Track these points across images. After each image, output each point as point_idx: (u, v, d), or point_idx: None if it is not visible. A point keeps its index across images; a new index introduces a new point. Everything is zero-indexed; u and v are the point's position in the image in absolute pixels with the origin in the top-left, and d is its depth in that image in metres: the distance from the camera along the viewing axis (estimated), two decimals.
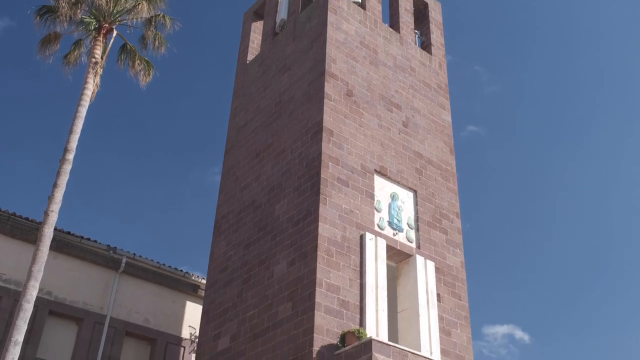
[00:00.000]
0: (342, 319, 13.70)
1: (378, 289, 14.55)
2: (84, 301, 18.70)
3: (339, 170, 15.73)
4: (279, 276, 14.96)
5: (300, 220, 15.21)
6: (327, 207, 14.96)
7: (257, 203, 17.26)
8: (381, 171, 16.66)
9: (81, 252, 19.08)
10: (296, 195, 15.81)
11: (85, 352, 18.03)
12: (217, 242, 18.12)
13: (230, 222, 18.01)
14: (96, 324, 18.53)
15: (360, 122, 17.04)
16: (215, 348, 15.88)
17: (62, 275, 18.64)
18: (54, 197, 13.73)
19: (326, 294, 13.76)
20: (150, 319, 19.64)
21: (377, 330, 13.93)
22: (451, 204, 17.84)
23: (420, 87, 19.55)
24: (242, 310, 15.63)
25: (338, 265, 14.36)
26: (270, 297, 14.88)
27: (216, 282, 17.22)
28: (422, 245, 16.29)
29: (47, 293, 18.03)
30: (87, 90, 15.91)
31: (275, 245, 15.64)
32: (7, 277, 17.69)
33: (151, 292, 19.99)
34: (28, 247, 17.55)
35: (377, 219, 15.86)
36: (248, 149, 19.08)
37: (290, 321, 13.86)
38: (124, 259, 19.47)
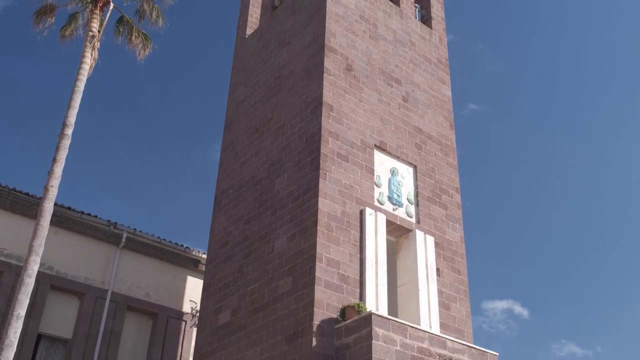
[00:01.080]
0: (342, 294, 13.79)
1: (378, 264, 14.63)
2: (85, 276, 18.81)
3: (339, 146, 15.70)
4: (279, 251, 15.02)
5: (300, 195, 15.23)
6: (327, 182, 14.96)
7: (257, 178, 17.27)
8: (381, 146, 16.64)
9: (82, 227, 19.14)
10: (296, 171, 15.81)
11: (87, 326, 18.18)
12: (218, 217, 18.16)
13: (230, 197, 18.04)
14: (98, 299, 18.66)
15: (360, 97, 16.97)
16: (216, 322, 16.01)
17: (63, 250, 18.72)
18: (53, 172, 13.71)
19: (326, 268, 13.83)
20: (152, 293, 19.77)
21: (377, 305, 14.03)
22: (451, 179, 17.85)
23: (420, 61, 19.43)
24: (242, 285, 15.73)
25: (338, 240, 14.42)
26: (271, 272, 14.96)
27: (217, 257, 17.30)
28: (422, 220, 16.33)
29: (48, 268, 18.12)
30: (85, 64, 15.80)
31: (276, 220, 15.68)
32: (8, 252, 17.76)
33: (152, 267, 20.09)
34: (28, 222, 17.59)
35: (377, 194, 15.88)
36: (247, 124, 19.03)
37: (291, 295, 13.95)
38: (124, 234, 19.53)
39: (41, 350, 17.85)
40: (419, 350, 12.67)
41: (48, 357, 17.94)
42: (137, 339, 19.24)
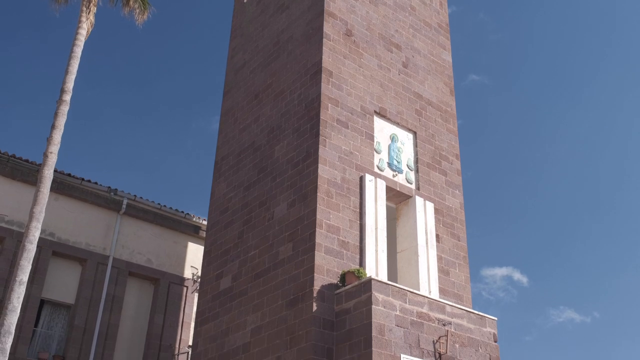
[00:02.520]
0: (342, 259, 13.89)
1: (377, 230, 14.70)
2: (86, 242, 18.92)
3: (339, 112, 15.64)
4: (279, 217, 15.08)
5: (300, 162, 15.23)
6: (327, 148, 14.95)
7: (256, 145, 17.24)
8: (381, 112, 16.57)
9: (82, 194, 19.18)
10: (295, 137, 15.78)
11: (90, 292, 18.36)
12: (217, 183, 18.19)
13: (230, 164, 18.04)
14: (99, 265, 18.81)
15: (359, 62, 16.84)
16: (217, 288, 16.16)
17: (64, 216, 18.79)
18: (52, 139, 13.68)
19: (326, 234, 13.90)
20: (153, 259, 19.91)
21: (377, 270, 14.15)
22: (451, 146, 17.82)
23: (420, 26, 19.23)
24: (243, 251, 15.83)
25: (338, 206, 14.46)
26: (271, 238, 15.05)
27: (217, 223, 17.37)
28: (422, 187, 16.36)
29: (49, 234, 18.21)
30: (81, 29, 15.62)
31: (275, 186, 15.70)
32: (9, 218, 17.83)
33: (153, 233, 20.20)
34: (29, 188, 17.64)
35: (377, 161, 15.88)
36: (247, 90, 18.92)
37: (291, 261, 14.06)
38: (125, 201, 19.58)
39: (44, 315, 18.06)
40: (418, 315, 12.82)
41: (51, 322, 18.15)
42: (139, 304, 19.44)
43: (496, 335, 14.00)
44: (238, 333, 14.72)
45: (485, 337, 13.75)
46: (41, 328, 17.88)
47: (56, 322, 18.22)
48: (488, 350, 13.65)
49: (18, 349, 16.57)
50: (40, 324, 17.88)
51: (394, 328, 12.31)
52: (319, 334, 12.72)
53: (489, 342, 13.76)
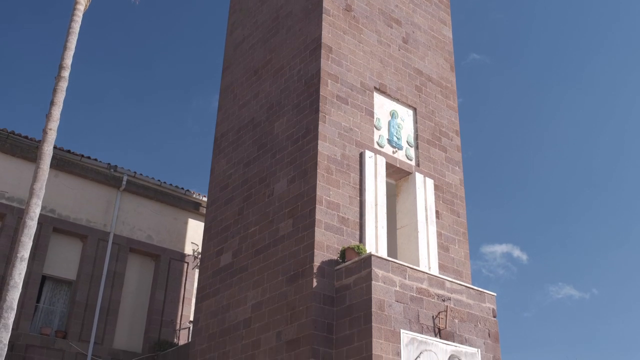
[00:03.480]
0: (342, 236, 13.94)
1: (377, 206, 14.73)
2: (87, 219, 18.97)
3: (338, 88, 15.58)
4: (279, 194, 15.10)
5: (300, 138, 15.20)
6: (327, 124, 14.91)
7: (256, 121, 17.19)
8: (381, 88, 16.50)
9: (82, 170, 19.19)
10: (295, 113, 15.73)
11: (91, 268, 18.46)
12: (217, 160, 18.18)
13: (229, 140, 18.01)
14: (100, 241, 18.88)
15: (359, 38, 16.72)
16: (218, 264, 16.24)
17: (64, 193, 18.82)
18: (51, 115, 13.62)
19: (326, 211, 13.93)
20: (153, 235, 19.98)
21: (377, 246, 14.20)
22: (451, 122, 17.78)
23: (420, 1, 19.06)
24: (243, 227, 15.88)
25: (338, 182, 14.47)
26: (271, 215, 15.08)
27: (217, 199, 17.40)
28: (422, 163, 16.35)
29: (50, 211, 18.25)
30: (79, 4, 15.46)
31: (275, 163, 15.70)
32: (10, 195, 17.86)
33: (153, 209, 20.24)
34: (29, 165, 17.64)
35: (377, 137, 15.85)
36: (246, 66, 18.81)
37: (291, 238, 14.11)
38: (125, 177, 19.60)
39: (46, 291, 18.18)
40: (418, 291, 12.90)
41: (53, 298, 18.28)
42: (140, 280, 19.56)
43: (495, 311, 14.10)
44: (239, 308, 14.82)
45: (484, 312, 13.85)
46: (43, 304, 18.01)
47: (58, 298, 18.35)
48: (487, 325, 13.77)
49: (20, 324, 16.72)
50: (42, 300, 18.01)
51: (394, 304, 12.40)
52: (319, 309, 12.82)
53: (488, 318, 13.87)
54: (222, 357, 14.71)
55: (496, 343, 13.75)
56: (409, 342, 12.23)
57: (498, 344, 13.78)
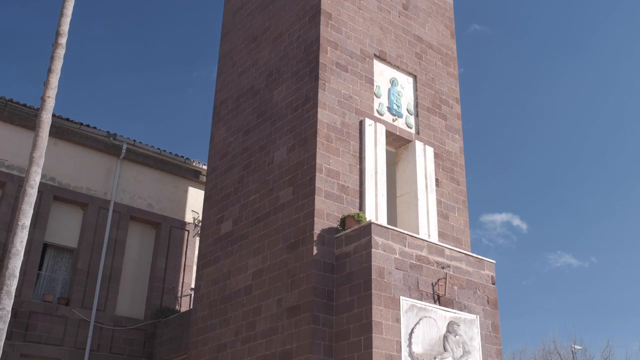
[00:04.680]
0: (342, 204, 13.97)
1: (377, 174, 14.73)
2: (87, 187, 18.99)
3: (338, 55, 15.45)
4: (279, 162, 15.10)
5: (300, 106, 15.14)
6: (326, 92, 14.83)
7: (255, 89, 17.10)
8: (380, 56, 16.37)
9: (81, 138, 19.14)
10: (295, 81, 15.64)
11: (92, 235, 18.54)
12: (217, 128, 18.13)
13: (229, 108, 17.93)
14: (101, 209, 18.93)
15: (359, 4, 16.53)
16: (218, 232, 16.31)
17: (64, 161, 18.80)
18: (49, 83, 13.53)
19: (326, 179, 13.94)
20: (154, 203, 20.03)
21: (377, 214, 14.25)
22: (451, 90, 17.68)
23: None
24: (243, 195, 15.91)
25: (337, 150, 14.45)
26: (271, 183, 15.10)
27: (217, 167, 17.40)
28: (422, 131, 16.31)
29: (50, 179, 18.26)
30: None
31: (275, 131, 15.66)
32: (10, 163, 17.85)
33: (153, 177, 20.25)
34: (28, 133, 17.59)
35: (377, 105, 15.78)
36: (245, 33, 18.63)
37: (291, 205, 14.14)
38: (124, 146, 19.55)
39: (48, 258, 18.29)
40: (417, 258, 12.98)
41: (55, 266, 18.40)
42: (141, 248, 19.67)
43: (494, 278, 14.22)
44: (239, 276, 14.94)
45: (483, 279, 13.96)
46: (45, 271, 18.14)
47: (60, 266, 18.48)
48: (486, 292, 13.89)
49: (23, 291, 16.86)
50: (44, 268, 18.13)
51: (394, 271, 12.49)
52: (320, 276, 12.91)
53: (487, 285, 13.99)
54: (224, 323, 14.87)
55: (495, 310, 13.89)
56: (408, 309, 12.35)
57: (497, 311, 13.92)
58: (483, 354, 13.17)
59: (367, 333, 11.78)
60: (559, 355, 30.02)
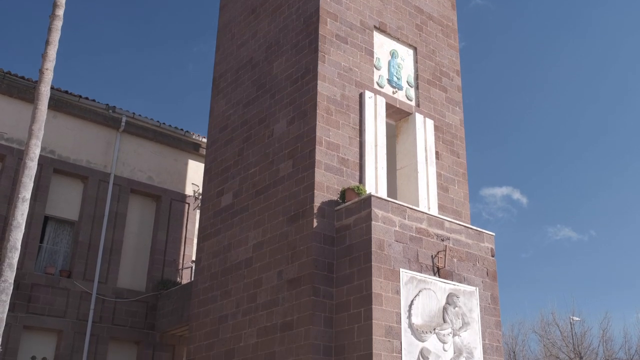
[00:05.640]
0: (342, 176, 13.97)
1: (377, 147, 14.71)
2: (87, 160, 18.98)
3: (338, 27, 15.32)
4: (279, 134, 15.06)
5: (299, 79, 15.06)
6: (326, 64, 14.74)
7: (254, 61, 16.99)
8: (380, 27, 16.23)
9: (80, 111, 19.08)
10: (294, 53, 15.53)
11: (93, 208, 18.58)
12: (216, 100, 18.05)
13: (228, 81, 17.84)
14: (101, 182, 18.94)
15: None
16: (218, 204, 16.35)
17: (63, 134, 18.77)
18: (47, 55, 13.44)
19: (326, 151, 13.93)
20: (154, 176, 20.04)
21: (377, 187, 14.27)
22: (451, 62, 17.57)
23: None
24: (243, 168, 15.91)
25: (337, 123, 14.41)
26: (271, 155, 15.09)
27: (217, 140, 17.37)
28: (422, 104, 16.25)
29: (50, 152, 18.24)
30: None
31: (275, 103, 15.59)
32: (9, 136, 17.81)
33: (153, 150, 20.23)
34: (27, 106, 17.53)
35: (377, 77, 15.70)
36: (243, 4, 18.44)
37: (291, 178, 14.15)
38: (124, 118, 19.50)
39: (49, 231, 18.36)
40: (417, 231, 13.03)
41: (56, 238, 18.48)
42: (142, 221, 19.72)
43: (493, 250, 14.29)
44: (240, 248, 15.01)
45: (482, 251, 14.03)
46: (46, 244, 18.22)
47: (61, 238, 18.55)
48: (485, 264, 13.97)
49: (25, 264, 16.96)
50: (45, 240, 18.21)
51: (393, 243, 12.55)
52: (320, 249, 12.98)
53: (487, 257, 14.06)
54: (225, 295, 14.98)
55: (494, 282, 13.99)
56: (408, 281, 12.44)
57: (496, 283, 14.02)
58: (482, 325, 13.29)
59: (367, 305, 11.88)
60: (558, 326, 30.32)
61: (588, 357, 28.59)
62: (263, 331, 13.47)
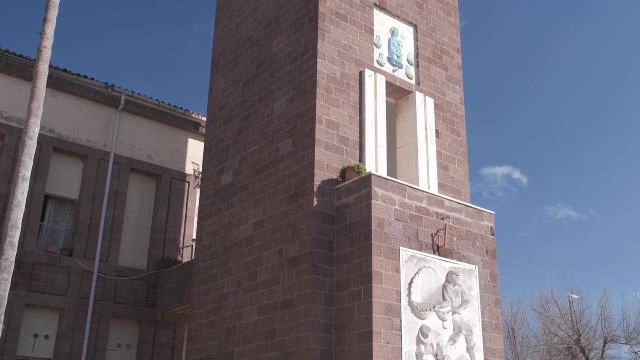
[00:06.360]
0: (342, 155, 13.96)
1: (377, 126, 14.68)
2: (86, 138, 18.95)
3: (337, 4, 15.20)
4: (278, 113, 15.02)
5: (299, 57, 14.97)
6: (326, 42, 14.65)
7: (254, 39, 16.88)
8: (380, 5, 16.10)
9: (79, 89, 19.00)
10: (293, 31, 15.42)
11: (93, 187, 18.58)
12: (216, 79, 17.97)
13: (227, 59, 17.74)
14: (101, 161, 18.92)
15: None
16: (218, 183, 16.35)
17: (62, 113, 18.71)
18: (45, 33, 13.35)
19: (326, 130, 13.90)
20: (154, 155, 20.01)
21: (376, 166, 14.26)
22: (452, 40, 17.46)
23: None
24: (243, 147, 15.89)
25: (337, 102, 14.36)
26: (271, 134, 15.06)
27: (216, 119, 17.32)
28: (422, 82, 16.18)
29: (49, 130, 18.20)
30: None
31: (274, 82, 15.53)
32: (8, 114, 17.76)
33: (152, 129, 20.18)
34: (25, 84, 17.45)
35: (377, 55, 15.61)
36: None
37: (291, 157, 14.14)
38: (123, 97, 19.42)
39: (49, 210, 18.39)
40: (417, 209, 13.05)
41: (57, 217, 18.51)
42: (142, 199, 19.74)
43: (493, 229, 14.32)
44: (240, 227, 15.05)
45: (482, 230, 14.07)
46: (47, 223, 18.26)
47: (62, 217, 18.58)
48: (485, 243, 14.01)
49: (26, 242, 17.01)
50: (45, 219, 18.24)
51: (393, 222, 12.57)
52: (320, 227, 13.01)
53: (486, 235, 14.10)
54: (225, 273, 15.06)
55: (493, 260, 14.05)
56: (408, 259, 12.49)
57: (495, 261, 14.08)
58: (481, 303, 13.37)
59: (367, 283, 11.94)
60: (556, 304, 30.50)
61: (586, 334, 28.81)
62: (264, 309, 13.56)
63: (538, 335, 31.19)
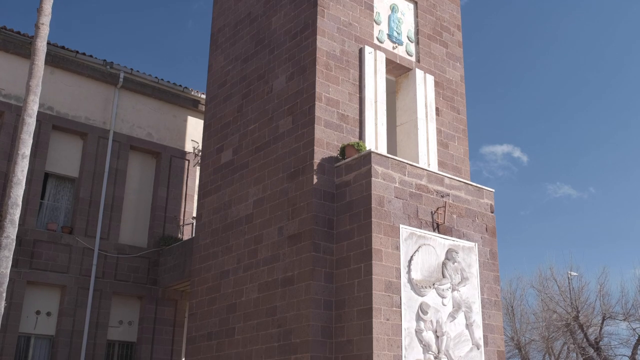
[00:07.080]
0: (342, 133, 13.93)
1: (377, 103, 14.63)
2: (86, 116, 18.89)
3: None
4: (278, 90, 14.96)
5: (298, 34, 14.87)
6: (325, 19, 14.54)
7: (253, 15, 16.75)
8: None
9: (78, 67, 18.90)
10: (293, 7, 15.30)
11: (93, 165, 18.58)
12: (215, 56, 17.87)
13: (226, 36, 17.62)
14: (100, 139, 18.89)
15: None
16: (218, 161, 16.34)
17: (61, 90, 18.63)
18: (42, 9, 13.24)
19: (326, 108, 13.85)
20: (153, 133, 19.98)
21: (376, 143, 14.24)
22: (452, 16, 17.33)
23: None
24: (243, 125, 15.85)
25: (337, 79, 14.30)
26: (270, 112, 15.01)
27: (216, 96, 17.26)
28: (422, 59, 16.08)
29: (48, 108, 18.15)
30: None
31: (274, 59, 15.44)
32: (7, 92, 17.68)
33: (152, 107, 20.11)
34: (23, 61, 17.35)
35: (377, 32, 15.50)
36: None
37: (291, 135, 14.11)
38: (121, 74, 19.33)
39: (50, 188, 18.40)
40: (417, 187, 13.06)
41: (57, 195, 18.53)
42: (142, 177, 19.75)
43: (493, 207, 14.34)
44: (240, 205, 15.07)
45: (482, 208, 14.09)
46: (47, 200, 18.28)
47: (62, 195, 18.61)
48: (485, 220, 14.04)
49: (27, 220, 17.05)
50: (46, 197, 18.26)
51: (393, 199, 12.59)
52: (320, 205, 13.03)
53: (486, 213, 14.13)
54: (226, 251, 15.11)
55: (493, 238, 14.09)
56: (407, 237, 12.53)
57: (495, 239, 14.12)
58: (481, 280, 13.44)
59: (367, 260, 11.99)
60: (555, 281, 30.65)
61: (585, 311, 28.99)
62: (264, 286, 13.63)
63: (537, 312, 31.40)
